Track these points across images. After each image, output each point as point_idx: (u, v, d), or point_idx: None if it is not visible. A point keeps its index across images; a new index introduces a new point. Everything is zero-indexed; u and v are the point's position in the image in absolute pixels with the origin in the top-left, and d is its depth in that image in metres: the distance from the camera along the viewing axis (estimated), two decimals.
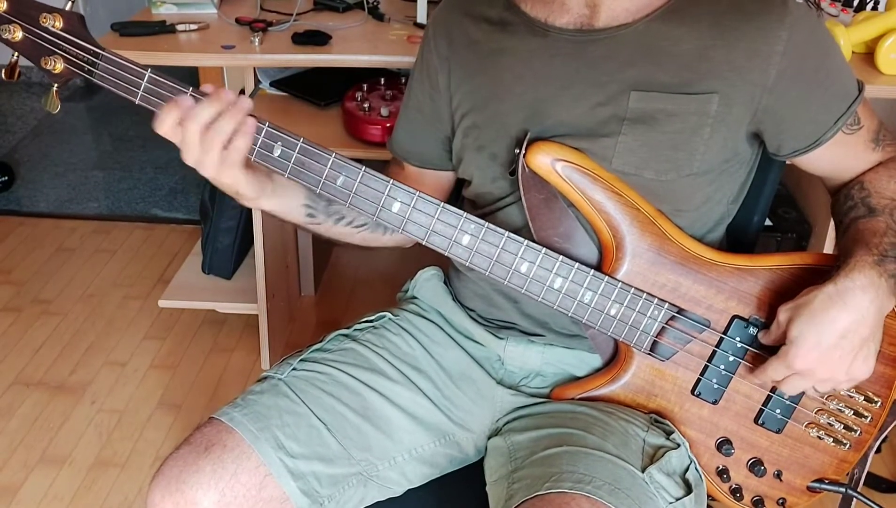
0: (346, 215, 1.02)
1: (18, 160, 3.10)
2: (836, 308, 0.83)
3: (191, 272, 2.14)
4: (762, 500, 0.97)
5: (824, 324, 0.83)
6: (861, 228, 0.90)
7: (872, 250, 0.86)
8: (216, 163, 0.85)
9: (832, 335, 0.83)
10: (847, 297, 0.83)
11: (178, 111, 0.84)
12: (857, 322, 0.83)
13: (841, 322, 0.83)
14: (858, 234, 0.89)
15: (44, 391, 1.97)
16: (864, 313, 0.83)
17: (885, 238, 0.87)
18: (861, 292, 0.83)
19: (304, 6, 1.85)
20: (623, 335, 0.94)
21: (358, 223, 1.04)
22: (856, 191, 0.95)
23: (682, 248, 0.92)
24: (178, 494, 0.87)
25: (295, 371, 0.99)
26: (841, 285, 0.83)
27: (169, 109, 0.85)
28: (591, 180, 0.90)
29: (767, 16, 0.87)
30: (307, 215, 1.00)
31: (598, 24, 0.93)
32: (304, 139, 0.87)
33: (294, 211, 0.99)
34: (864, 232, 0.89)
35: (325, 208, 1.00)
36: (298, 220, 1.00)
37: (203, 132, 0.84)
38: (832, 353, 0.83)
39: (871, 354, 0.85)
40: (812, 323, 0.83)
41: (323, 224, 1.02)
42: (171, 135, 0.86)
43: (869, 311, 0.83)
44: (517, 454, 0.93)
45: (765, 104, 0.89)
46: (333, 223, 1.02)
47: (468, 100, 1.00)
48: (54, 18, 0.85)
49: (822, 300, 0.83)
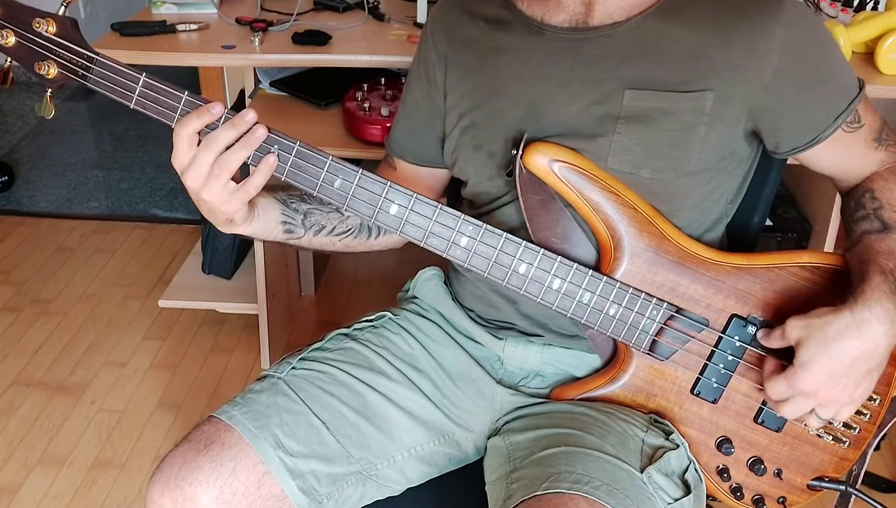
0: (325, 225, 1.02)
1: (18, 160, 3.10)
2: (850, 338, 0.81)
3: (191, 272, 2.14)
4: (762, 499, 0.97)
5: (837, 352, 0.81)
6: (875, 247, 0.88)
7: (889, 278, 0.84)
8: (220, 192, 0.84)
9: (843, 363, 0.81)
10: (863, 327, 0.81)
11: (208, 118, 0.83)
12: (869, 352, 0.82)
13: (853, 352, 0.81)
14: (872, 254, 0.87)
15: (43, 391, 1.97)
16: (877, 344, 0.82)
17: None
18: (877, 324, 0.81)
19: (304, 6, 1.85)
20: (622, 335, 0.94)
21: (339, 231, 1.03)
22: (867, 200, 0.94)
23: (680, 247, 0.92)
24: (176, 491, 0.87)
25: (294, 370, 1.00)
26: (858, 314, 0.81)
27: (200, 114, 0.83)
28: (589, 181, 0.90)
29: (764, 14, 0.87)
30: (285, 230, 0.98)
31: (593, 21, 0.93)
32: (301, 142, 0.87)
33: (272, 229, 0.97)
34: (878, 254, 0.87)
35: (302, 221, 1.00)
36: (278, 237, 0.99)
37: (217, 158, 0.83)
38: (839, 380, 0.83)
39: (874, 381, 0.85)
40: (825, 350, 0.82)
41: (303, 237, 1.01)
42: (185, 143, 0.84)
43: (881, 343, 0.82)
44: (516, 454, 0.94)
45: (761, 102, 0.89)
46: (313, 235, 1.01)
47: (466, 98, 1.01)
48: (48, 23, 0.85)
49: (839, 329, 0.81)
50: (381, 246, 1.09)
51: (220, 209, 0.87)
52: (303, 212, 1.00)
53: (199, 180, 0.84)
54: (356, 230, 1.05)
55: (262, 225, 0.96)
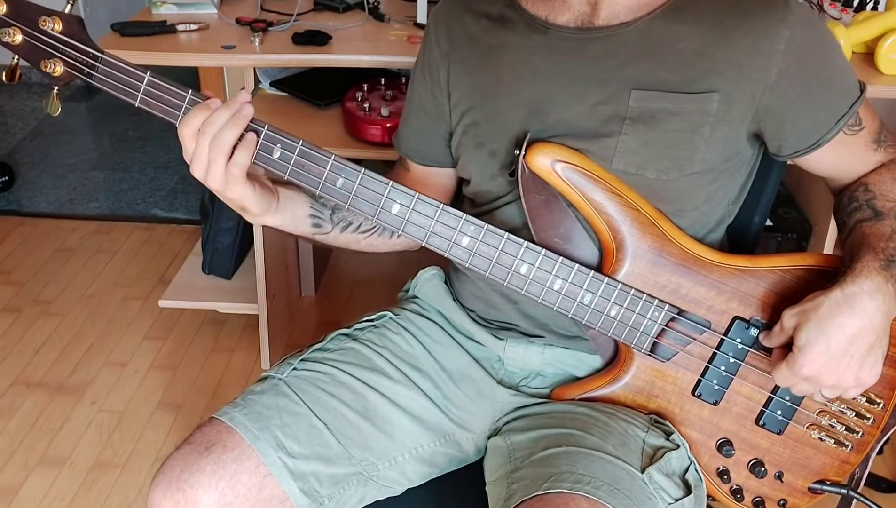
0: (352, 222, 1.02)
1: (18, 160, 3.10)
2: (844, 314, 0.82)
3: (191, 272, 2.14)
4: (763, 501, 0.97)
5: (832, 330, 0.82)
6: (867, 231, 0.89)
7: (879, 255, 0.85)
8: (221, 175, 0.85)
9: (840, 341, 0.82)
10: (854, 303, 0.82)
11: (207, 112, 0.84)
12: (865, 328, 0.82)
13: (849, 328, 0.82)
14: (864, 238, 0.89)
15: (44, 391, 1.97)
16: (872, 318, 0.82)
17: (892, 243, 0.87)
18: (868, 298, 0.82)
19: (305, 6, 1.85)
20: (623, 337, 0.94)
21: (365, 228, 1.03)
22: (860, 193, 0.94)
23: (682, 249, 0.92)
24: (178, 494, 0.87)
25: (295, 371, 0.99)
26: (848, 290, 0.82)
27: (199, 110, 0.85)
28: (591, 181, 0.90)
29: (769, 15, 0.87)
30: (313, 225, 0.99)
31: (598, 21, 0.93)
32: (304, 141, 0.87)
33: (300, 223, 0.98)
34: (869, 236, 0.88)
35: (330, 217, 1.00)
36: (305, 231, 0.99)
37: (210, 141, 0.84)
38: (840, 359, 0.83)
39: (878, 360, 0.85)
40: (820, 330, 0.82)
41: (330, 233, 1.01)
42: (189, 139, 0.85)
43: (876, 316, 0.82)
44: (517, 454, 0.93)
45: (766, 103, 0.89)
46: (340, 231, 1.02)
47: (467, 97, 1.00)
48: (53, 21, 0.85)
49: (830, 307, 0.82)
50: (403, 246, 1.09)
51: (227, 196, 0.88)
52: (331, 207, 1.00)
53: (201, 169, 0.86)
54: (380, 228, 1.05)
55: (290, 217, 0.96)
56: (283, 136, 0.87)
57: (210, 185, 0.87)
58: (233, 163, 0.85)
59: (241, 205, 0.90)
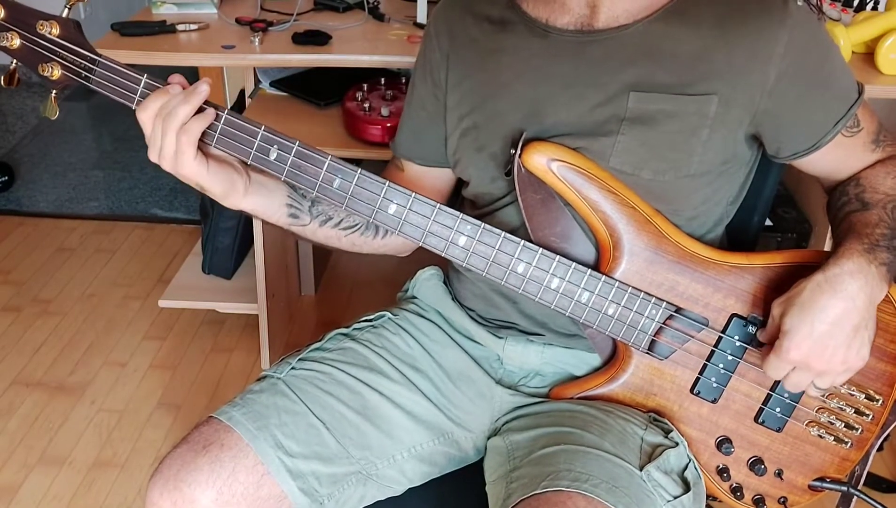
0: (332, 217, 1.01)
1: (18, 160, 3.10)
2: (826, 296, 0.83)
3: (191, 272, 2.14)
4: (763, 499, 0.97)
5: (815, 312, 0.83)
6: (854, 220, 0.90)
7: (863, 240, 0.86)
8: (172, 150, 0.85)
9: (823, 322, 0.83)
10: (836, 284, 0.83)
11: (165, 98, 0.85)
12: (848, 309, 0.83)
13: (832, 310, 0.82)
14: (851, 226, 0.90)
15: (43, 391, 1.97)
16: (855, 299, 0.83)
17: (878, 229, 0.87)
18: (850, 278, 0.83)
19: (304, 6, 1.85)
20: (621, 335, 0.94)
21: (346, 225, 1.02)
22: (851, 187, 0.95)
23: (679, 246, 0.92)
24: (176, 492, 0.87)
25: (294, 370, 1.00)
26: (829, 272, 0.83)
27: (157, 96, 0.85)
28: (587, 180, 0.90)
29: (768, 17, 0.87)
30: (290, 214, 0.98)
31: (598, 24, 0.93)
32: (300, 142, 0.87)
33: (275, 211, 0.96)
34: (856, 224, 0.89)
35: (309, 208, 0.99)
36: (281, 221, 0.98)
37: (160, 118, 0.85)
38: (825, 341, 0.83)
39: (864, 342, 0.85)
40: (803, 313, 0.83)
41: (308, 226, 1.00)
42: (148, 123, 0.86)
43: (859, 297, 0.83)
44: (516, 453, 0.93)
45: (764, 106, 0.89)
46: (319, 225, 1.01)
47: (467, 99, 1.00)
48: (51, 25, 0.86)
49: (812, 290, 0.83)
50: (388, 250, 1.09)
51: (180, 173, 0.88)
52: (311, 199, 0.99)
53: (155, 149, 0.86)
54: (363, 227, 1.04)
55: (262, 203, 0.95)
56: (279, 137, 0.87)
57: (163, 164, 0.86)
58: (183, 130, 0.84)
59: (197, 183, 0.89)
